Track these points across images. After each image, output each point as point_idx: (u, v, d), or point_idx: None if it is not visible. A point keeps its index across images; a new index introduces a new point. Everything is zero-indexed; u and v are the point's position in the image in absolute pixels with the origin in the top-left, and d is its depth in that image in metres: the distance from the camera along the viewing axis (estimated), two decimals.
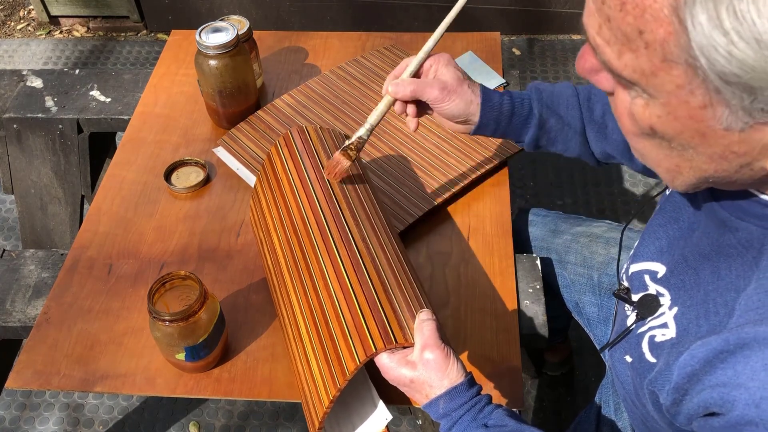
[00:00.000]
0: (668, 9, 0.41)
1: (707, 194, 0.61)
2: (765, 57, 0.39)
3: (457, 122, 0.83)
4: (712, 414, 0.54)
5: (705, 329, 0.57)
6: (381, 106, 0.80)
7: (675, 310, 0.63)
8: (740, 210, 0.56)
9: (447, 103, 0.80)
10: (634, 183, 1.92)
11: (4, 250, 0.99)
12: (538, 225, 1.10)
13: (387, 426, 0.75)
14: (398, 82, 0.80)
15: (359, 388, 0.78)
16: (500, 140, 1.07)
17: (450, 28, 0.82)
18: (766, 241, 0.54)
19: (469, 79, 0.83)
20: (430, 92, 0.79)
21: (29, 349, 0.86)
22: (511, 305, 0.90)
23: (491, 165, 1.04)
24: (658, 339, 0.64)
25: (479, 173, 1.03)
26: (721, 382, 0.51)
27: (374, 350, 0.66)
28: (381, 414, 0.75)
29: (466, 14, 2.28)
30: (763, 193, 0.54)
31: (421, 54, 0.80)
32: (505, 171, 1.06)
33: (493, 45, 1.28)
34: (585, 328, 1.05)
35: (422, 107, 0.83)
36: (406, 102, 0.81)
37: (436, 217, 1.00)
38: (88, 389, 0.83)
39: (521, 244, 1.10)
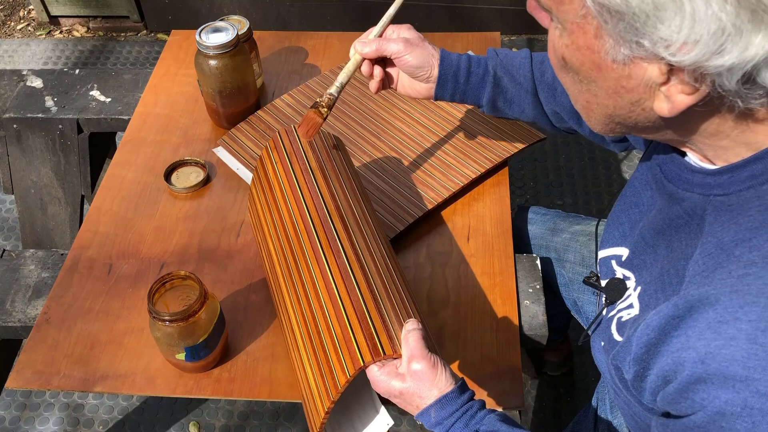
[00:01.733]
0: None
1: (658, 171, 0.64)
2: None
3: (418, 79, 0.89)
4: (668, 384, 0.55)
5: (662, 300, 0.59)
6: (349, 66, 0.87)
7: (639, 289, 0.65)
8: (685, 182, 0.60)
9: (408, 55, 0.86)
10: None
11: (4, 250, 0.99)
12: (537, 223, 1.10)
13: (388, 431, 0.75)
14: (364, 41, 0.87)
15: (361, 393, 0.78)
16: (500, 140, 1.07)
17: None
18: (707, 206, 0.57)
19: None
20: (394, 45, 0.86)
21: (29, 349, 0.86)
22: (511, 305, 0.90)
23: (491, 165, 1.04)
24: (624, 319, 0.66)
25: (479, 173, 1.03)
26: (675, 348, 0.52)
27: (362, 363, 0.66)
28: (382, 419, 0.75)
29: (466, 14, 2.28)
30: (708, 162, 0.58)
31: (384, 18, 0.88)
32: (505, 171, 1.06)
33: (493, 45, 1.28)
34: (584, 327, 1.05)
35: (390, 79, 0.91)
36: (372, 63, 0.88)
37: (436, 217, 1.00)
38: (88, 389, 0.83)
39: (521, 242, 1.10)
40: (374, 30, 0.89)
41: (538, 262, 0.95)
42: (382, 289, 0.72)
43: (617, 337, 0.66)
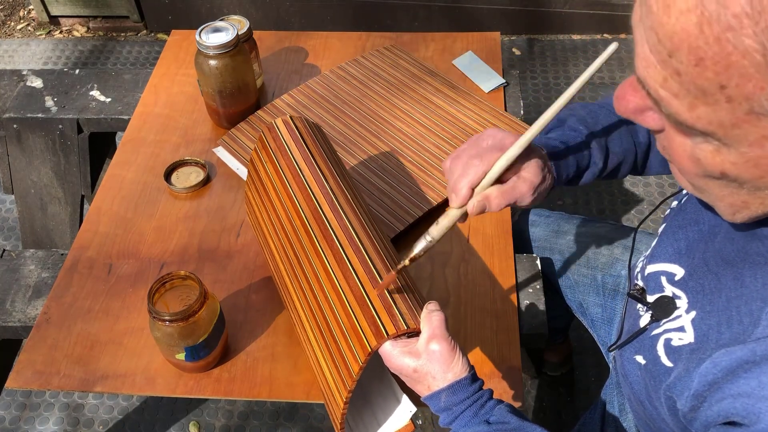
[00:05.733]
0: (760, 66, 0.39)
1: None
2: None
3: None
4: (732, 423, 0.53)
5: (727, 337, 0.56)
6: (446, 223, 0.68)
7: (693, 314, 0.62)
8: None
9: (535, 198, 0.70)
10: (633, 183, 1.92)
11: (4, 250, 0.99)
12: (540, 225, 1.10)
13: (411, 419, 0.74)
14: (487, 197, 0.66)
15: (381, 383, 0.77)
16: None
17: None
18: None
19: (536, 151, 0.71)
20: (521, 197, 0.68)
21: (29, 349, 0.86)
22: (511, 305, 0.90)
23: None
24: (674, 343, 0.63)
25: None
26: (745, 392, 0.51)
27: (370, 349, 0.66)
28: (405, 407, 0.75)
29: (466, 14, 2.28)
30: None
31: (503, 162, 0.66)
32: None
33: (493, 45, 1.28)
34: (589, 329, 1.04)
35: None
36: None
37: (436, 217, 1.00)
38: (88, 389, 0.83)
39: (522, 244, 1.09)
40: (492, 171, 0.65)
41: (538, 262, 0.95)
42: (382, 267, 0.72)
43: (666, 362, 0.64)
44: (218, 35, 1.03)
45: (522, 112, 1.16)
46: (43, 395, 1.51)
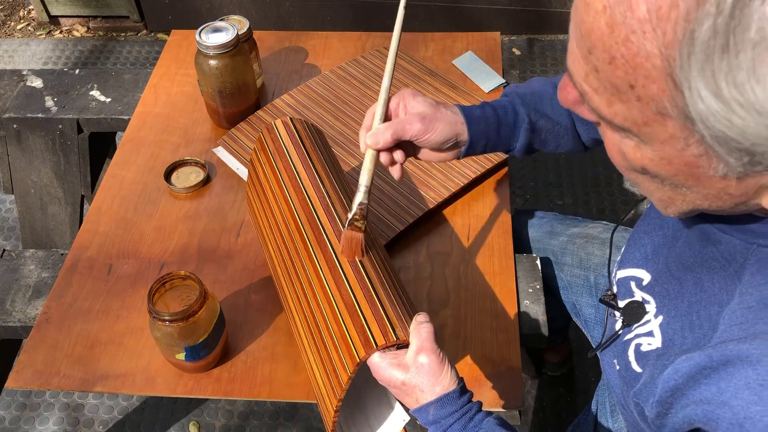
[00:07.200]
0: (660, 70, 0.40)
1: None
2: (766, 125, 0.38)
3: (446, 149, 0.78)
4: (697, 430, 0.54)
5: (690, 341, 0.57)
6: (367, 164, 0.71)
7: (660, 318, 0.63)
8: (723, 223, 0.56)
9: (432, 132, 0.74)
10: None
11: (4, 250, 0.99)
12: (534, 227, 1.10)
13: (404, 427, 0.74)
14: (375, 132, 0.72)
15: (375, 388, 0.77)
16: None
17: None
18: (749, 255, 0.54)
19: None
20: (410, 128, 0.73)
21: (29, 349, 0.86)
22: (511, 305, 0.90)
23: (491, 165, 1.04)
24: (644, 348, 0.64)
25: (479, 173, 1.03)
26: (705, 398, 0.51)
27: (359, 359, 0.65)
28: (398, 415, 0.75)
29: (466, 14, 2.28)
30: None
31: (383, 95, 0.73)
32: (505, 171, 1.06)
33: (493, 45, 1.28)
34: (583, 329, 1.05)
35: (408, 151, 0.78)
36: (390, 150, 0.75)
37: (436, 217, 1.00)
38: (88, 389, 0.83)
39: (520, 246, 1.09)
40: (377, 112, 0.73)
41: (538, 262, 0.95)
42: (375, 276, 0.71)
43: (636, 368, 0.65)
44: (218, 35, 1.03)
45: None
46: (43, 395, 1.51)
